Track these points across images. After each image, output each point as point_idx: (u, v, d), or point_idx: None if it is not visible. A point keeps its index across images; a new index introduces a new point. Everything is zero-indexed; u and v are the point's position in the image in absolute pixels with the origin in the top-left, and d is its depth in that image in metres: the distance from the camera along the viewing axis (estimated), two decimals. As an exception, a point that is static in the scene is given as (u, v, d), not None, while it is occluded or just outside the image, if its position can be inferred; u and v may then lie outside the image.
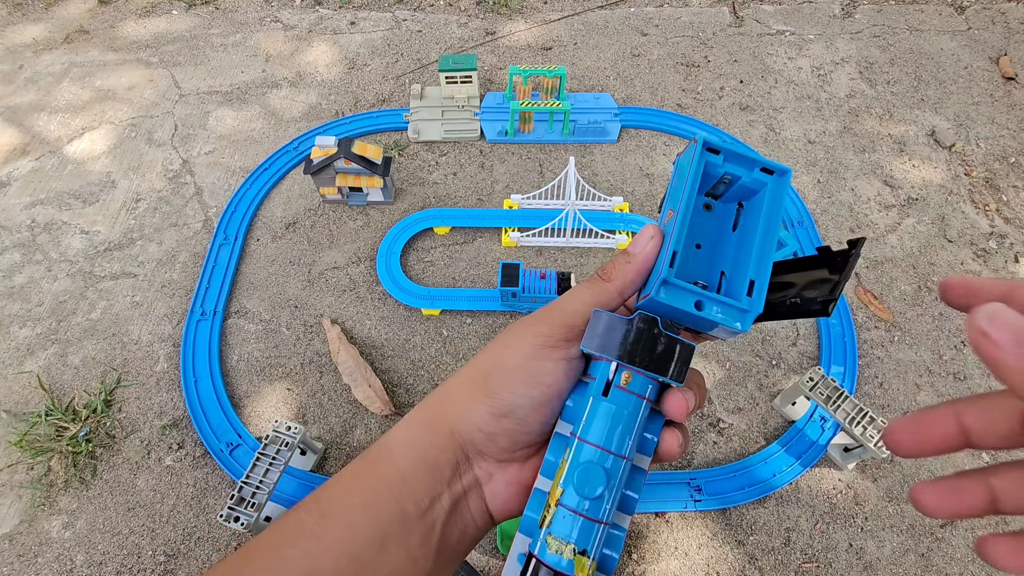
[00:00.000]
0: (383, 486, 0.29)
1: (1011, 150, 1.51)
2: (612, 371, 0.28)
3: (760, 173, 0.29)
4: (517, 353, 0.29)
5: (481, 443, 0.30)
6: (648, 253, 0.29)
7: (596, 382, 0.28)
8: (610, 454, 0.27)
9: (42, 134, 1.55)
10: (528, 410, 0.29)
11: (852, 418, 0.95)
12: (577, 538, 0.26)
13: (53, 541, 0.98)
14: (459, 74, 1.48)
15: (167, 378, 1.14)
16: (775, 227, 0.28)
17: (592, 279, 0.31)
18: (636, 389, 0.28)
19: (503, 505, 0.31)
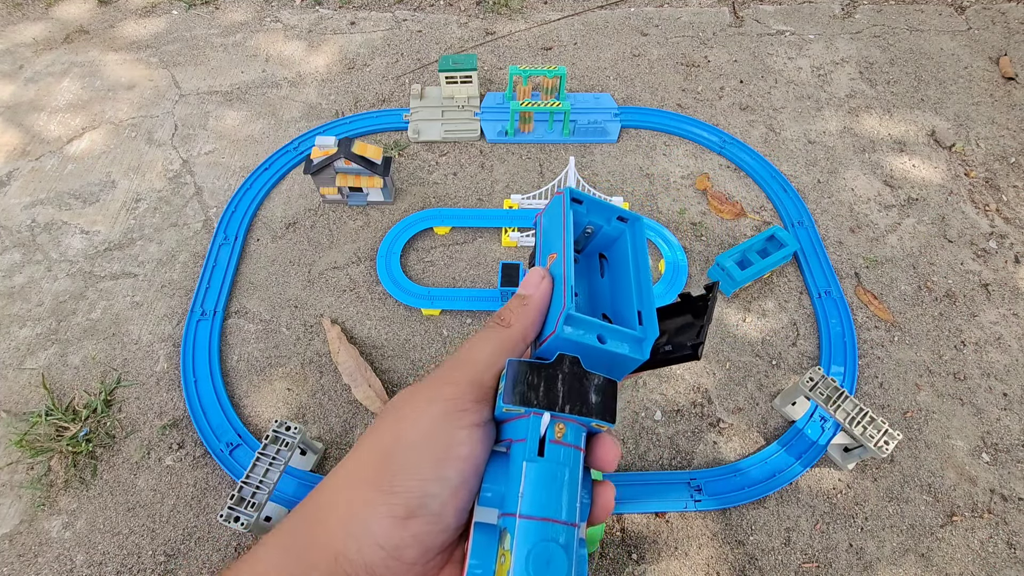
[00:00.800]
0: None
1: (1011, 150, 1.51)
2: (545, 424, 0.24)
3: (616, 221, 0.31)
4: (418, 426, 0.24)
5: (380, 564, 0.23)
6: (543, 293, 0.27)
7: (526, 443, 0.24)
8: (562, 525, 0.23)
9: (42, 134, 1.55)
10: (443, 500, 0.23)
11: (852, 418, 0.95)
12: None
13: (53, 541, 0.98)
14: (459, 74, 1.48)
15: (167, 378, 1.14)
16: (646, 265, 0.29)
17: (490, 327, 0.27)
18: (571, 440, 0.25)
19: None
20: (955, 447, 1.08)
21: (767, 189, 1.41)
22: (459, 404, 0.24)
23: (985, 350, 1.19)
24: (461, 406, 0.24)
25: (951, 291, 1.27)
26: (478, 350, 0.26)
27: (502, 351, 0.26)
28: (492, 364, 0.26)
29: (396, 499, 0.23)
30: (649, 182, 1.43)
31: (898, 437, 0.93)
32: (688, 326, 0.29)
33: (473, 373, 0.25)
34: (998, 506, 1.02)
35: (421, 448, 0.24)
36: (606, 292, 0.31)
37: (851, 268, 1.30)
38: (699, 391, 1.13)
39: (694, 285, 1.26)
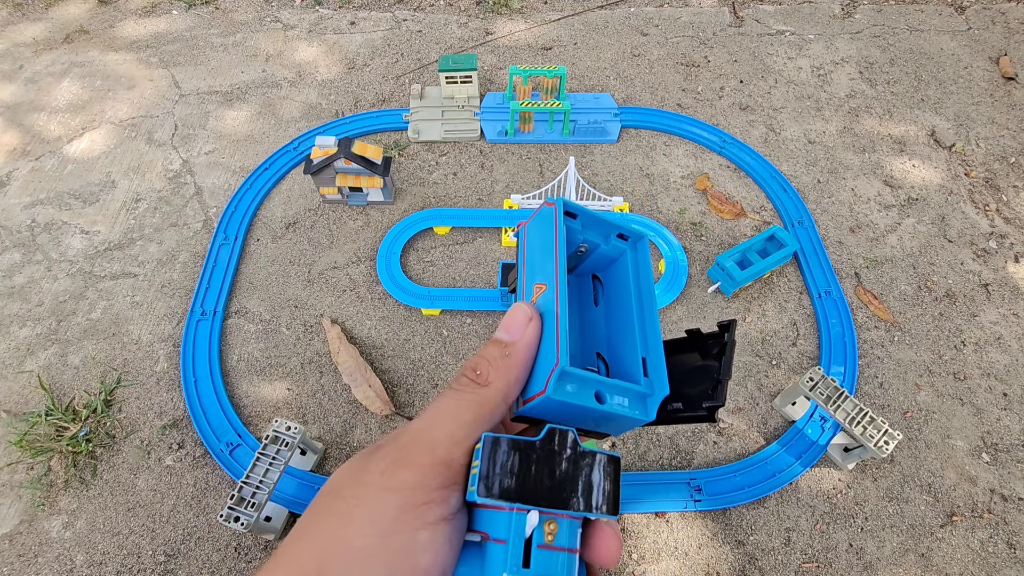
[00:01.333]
0: None
1: (1011, 150, 1.51)
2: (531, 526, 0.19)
3: (616, 239, 0.25)
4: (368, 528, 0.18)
5: None
6: (530, 339, 0.21)
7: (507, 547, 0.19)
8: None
9: (42, 134, 1.55)
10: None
11: (852, 418, 0.95)
12: None
13: (53, 541, 0.98)
14: (459, 74, 1.48)
15: (167, 378, 1.14)
16: (651, 297, 0.24)
17: (461, 384, 0.21)
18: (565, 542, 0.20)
19: None
20: (955, 447, 1.08)
21: (767, 189, 1.41)
22: (421, 495, 0.19)
23: (985, 350, 1.19)
24: (425, 497, 0.19)
25: (951, 291, 1.27)
26: (447, 418, 0.20)
27: (477, 419, 0.20)
28: (465, 437, 0.20)
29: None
30: (649, 182, 1.43)
31: (898, 437, 0.93)
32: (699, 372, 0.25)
33: (440, 451, 0.20)
34: (998, 506, 1.02)
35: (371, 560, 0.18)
36: (601, 324, 0.26)
37: (851, 268, 1.30)
38: (699, 391, 1.13)
39: (694, 285, 1.26)
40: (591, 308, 0.26)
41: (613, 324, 0.25)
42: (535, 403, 0.21)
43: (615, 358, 0.24)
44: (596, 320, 0.26)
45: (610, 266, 0.26)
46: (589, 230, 0.25)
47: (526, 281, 0.25)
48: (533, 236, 0.25)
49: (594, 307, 0.26)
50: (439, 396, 0.21)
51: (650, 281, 0.25)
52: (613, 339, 0.25)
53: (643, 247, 0.25)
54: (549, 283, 0.23)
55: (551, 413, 0.21)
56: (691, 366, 0.25)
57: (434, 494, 0.19)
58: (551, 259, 0.23)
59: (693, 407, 0.24)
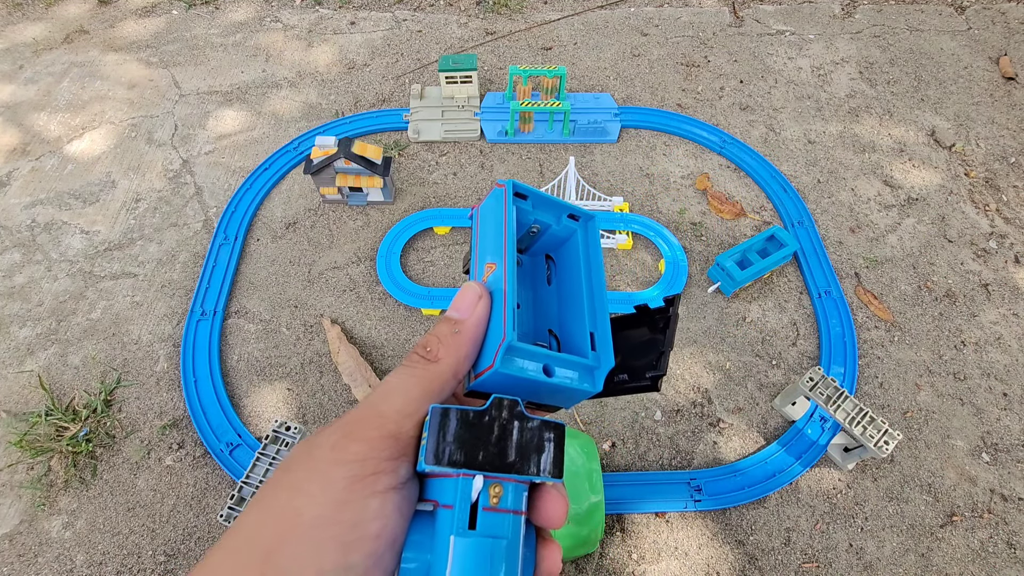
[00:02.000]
0: None
1: (1011, 150, 1.51)
2: (477, 489, 0.20)
3: (568, 220, 0.26)
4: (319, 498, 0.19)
5: None
6: (479, 316, 0.22)
7: (453, 511, 0.20)
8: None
9: (42, 134, 1.55)
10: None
11: (852, 418, 0.95)
12: None
13: (53, 541, 0.98)
14: (459, 74, 1.48)
15: (167, 378, 1.14)
16: (600, 274, 0.25)
17: (412, 360, 0.22)
18: (510, 504, 0.21)
19: None
20: (955, 447, 1.08)
21: (767, 189, 1.41)
22: (371, 465, 0.19)
23: (985, 350, 1.19)
24: (374, 468, 0.19)
25: (951, 291, 1.27)
26: (396, 393, 0.21)
27: (426, 393, 0.21)
28: (414, 411, 0.21)
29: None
30: (649, 182, 1.43)
31: (898, 437, 0.93)
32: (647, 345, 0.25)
33: (389, 424, 0.20)
34: (998, 506, 1.02)
35: (322, 528, 0.18)
36: (553, 303, 0.27)
37: (851, 268, 1.30)
38: (699, 391, 1.13)
39: (694, 285, 1.26)
40: (544, 287, 0.27)
41: (564, 301, 0.26)
42: (485, 377, 0.22)
43: (566, 334, 0.25)
44: (549, 298, 0.27)
45: (562, 246, 0.27)
46: (540, 210, 0.26)
47: (478, 261, 0.25)
48: (485, 217, 0.26)
49: (547, 286, 0.27)
50: (391, 373, 0.22)
51: (599, 259, 0.26)
52: (564, 316, 0.26)
53: (592, 227, 0.26)
54: (498, 262, 0.23)
55: (502, 387, 0.22)
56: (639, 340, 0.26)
57: (383, 464, 0.20)
58: (501, 238, 0.24)
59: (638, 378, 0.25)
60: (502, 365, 0.21)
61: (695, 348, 1.18)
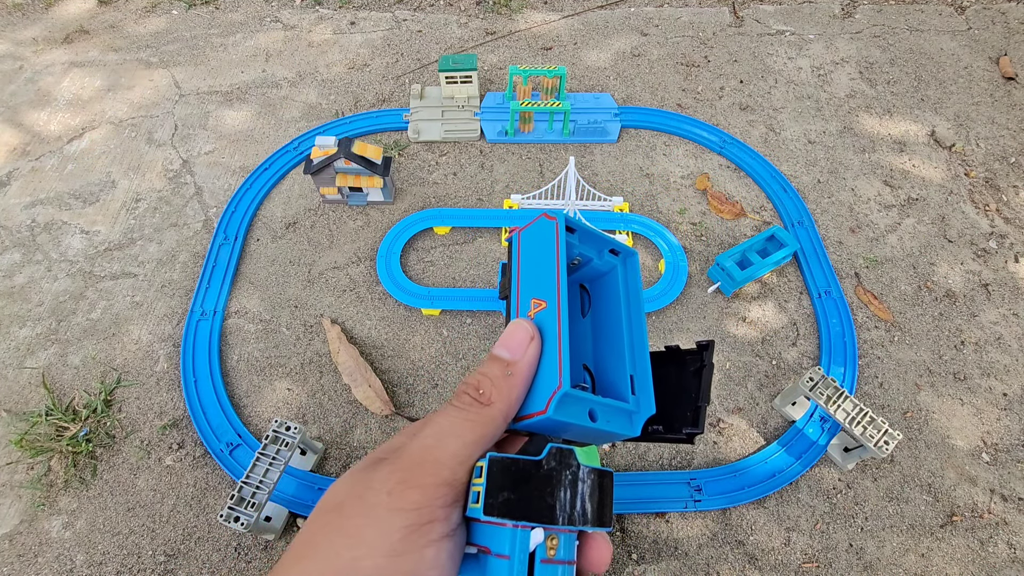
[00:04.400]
0: None
1: (1011, 150, 1.51)
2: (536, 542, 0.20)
3: (608, 255, 0.26)
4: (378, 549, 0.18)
5: None
6: (531, 359, 0.21)
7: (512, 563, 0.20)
8: None
9: (42, 134, 1.55)
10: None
11: (852, 418, 0.95)
12: None
13: (53, 541, 0.98)
14: (459, 74, 1.48)
15: (167, 378, 1.14)
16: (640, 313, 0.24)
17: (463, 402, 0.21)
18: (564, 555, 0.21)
19: None
20: (955, 447, 1.08)
21: (767, 189, 1.41)
22: (427, 514, 0.19)
23: (985, 350, 1.19)
24: (430, 516, 0.19)
25: (951, 291, 1.27)
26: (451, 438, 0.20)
27: (481, 440, 0.21)
28: (468, 457, 0.20)
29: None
30: (649, 182, 1.43)
31: (898, 437, 0.93)
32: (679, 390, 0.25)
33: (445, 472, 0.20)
34: (998, 506, 1.02)
35: None
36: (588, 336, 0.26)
37: (851, 268, 1.30)
38: (699, 391, 1.13)
39: (694, 285, 1.26)
40: (578, 319, 0.27)
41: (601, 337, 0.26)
42: (533, 421, 0.21)
43: (601, 371, 0.25)
44: (583, 331, 0.26)
45: (600, 279, 0.26)
46: (585, 244, 0.25)
47: (522, 294, 0.24)
48: (529, 247, 0.25)
49: (581, 318, 0.26)
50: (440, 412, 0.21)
51: (639, 297, 0.25)
52: (600, 352, 0.25)
53: (633, 263, 0.26)
54: (550, 301, 0.23)
55: (545, 429, 0.22)
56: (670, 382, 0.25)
57: (438, 512, 0.19)
58: (552, 276, 0.23)
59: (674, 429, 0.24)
60: (555, 413, 0.21)
61: (695, 348, 1.18)
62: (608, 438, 0.23)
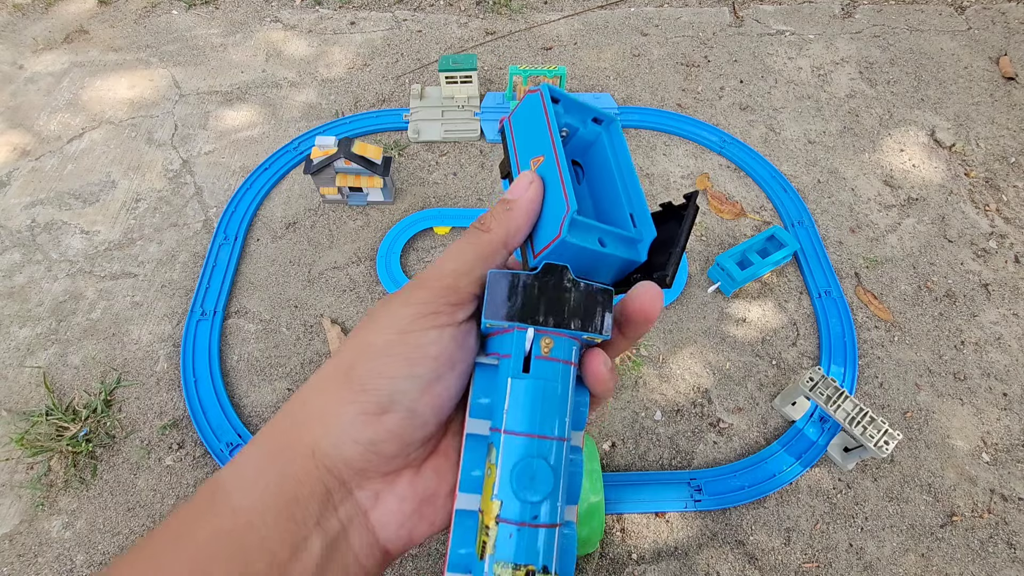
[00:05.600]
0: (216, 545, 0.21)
1: (1011, 150, 1.51)
2: (530, 340, 0.23)
3: (592, 124, 0.28)
4: (388, 328, 0.24)
5: (359, 458, 0.23)
6: (531, 196, 0.25)
7: (511, 359, 0.23)
8: (549, 440, 0.23)
9: (42, 134, 1.55)
10: (415, 395, 0.23)
11: (852, 418, 0.95)
12: (531, 555, 0.22)
13: (53, 541, 0.98)
14: (459, 74, 1.48)
15: (167, 378, 1.14)
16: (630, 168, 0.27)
17: (470, 232, 0.26)
18: (561, 355, 0.24)
19: (398, 530, 0.25)
20: (955, 447, 1.08)
21: (767, 189, 1.41)
22: (431, 307, 0.24)
23: (985, 350, 1.19)
24: (433, 308, 0.24)
25: (951, 291, 1.27)
26: (454, 256, 0.25)
27: (480, 257, 0.25)
28: (469, 271, 0.24)
29: (367, 396, 0.23)
30: (649, 182, 1.43)
31: (898, 437, 0.93)
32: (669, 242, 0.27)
33: (447, 279, 0.24)
34: (998, 506, 1.02)
35: (391, 348, 0.23)
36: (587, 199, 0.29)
37: (851, 268, 1.30)
38: (699, 391, 1.13)
39: (694, 285, 1.26)
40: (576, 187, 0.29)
41: (598, 196, 0.28)
42: (550, 249, 0.24)
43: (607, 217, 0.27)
44: (582, 195, 0.29)
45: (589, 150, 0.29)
46: (570, 114, 0.27)
47: (520, 160, 0.27)
48: (520, 123, 0.27)
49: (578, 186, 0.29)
50: (451, 244, 0.26)
51: (627, 156, 0.27)
52: (600, 207, 0.28)
53: (616, 129, 0.28)
54: (547, 153, 0.25)
55: (561, 258, 0.24)
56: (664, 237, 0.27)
57: (442, 307, 0.24)
58: (545, 134, 0.25)
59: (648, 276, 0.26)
60: (569, 234, 0.23)
61: (695, 348, 1.18)
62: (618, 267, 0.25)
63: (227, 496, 0.23)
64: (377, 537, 0.25)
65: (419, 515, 0.25)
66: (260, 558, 0.21)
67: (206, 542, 0.21)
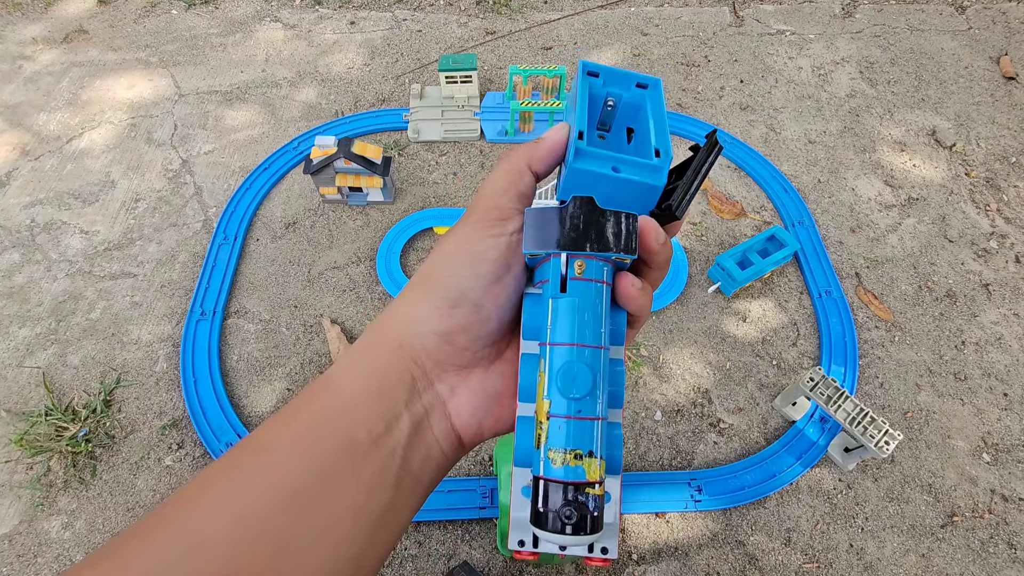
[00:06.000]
0: (326, 415, 0.26)
1: (1011, 150, 1.51)
2: (564, 264, 0.27)
3: (636, 88, 0.31)
4: (453, 241, 0.29)
5: (437, 349, 0.28)
6: (556, 135, 0.29)
7: (550, 283, 0.27)
8: (586, 347, 0.26)
9: (42, 134, 1.55)
10: (480, 292, 0.28)
11: (852, 418, 0.95)
12: (579, 442, 0.25)
13: (52, 541, 0.98)
14: (459, 74, 1.48)
15: (167, 378, 1.14)
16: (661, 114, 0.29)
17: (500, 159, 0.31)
18: (593, 275, 0.27)
19: (470, 418, 0.29)
20: (956, 447, 1.08)
21: (767, 189, 1.41)
22: (482, 223, 0.28)
23: (985, 350, 1.19)
24: (484, 224, 0.28)
25: (951, 291, 1.27)
26: (491, 182, 0.30)
27: (508, 174, 0.29)
28: (505, 189, 0.29)
29: (440, 293, 0.28)
30: (649, 182, 1.43)
31: (899, 437, 0.93)
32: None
33: (490, 200, 0.29)
34: (998, 506, 1.02)
35: (456, 255, 0.28)
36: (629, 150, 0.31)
37: (851, 268, 1.30)
38: (699, 391, 1.13)
39: (694, 285, 1.26)
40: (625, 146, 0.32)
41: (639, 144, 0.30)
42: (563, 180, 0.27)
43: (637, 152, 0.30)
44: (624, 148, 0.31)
45: (637, 114, 0.31)
46: (612, 84, 0.30)
47: None
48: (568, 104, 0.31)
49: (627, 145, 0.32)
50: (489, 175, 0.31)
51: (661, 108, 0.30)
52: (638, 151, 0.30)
53: (657, 89, 0.31)
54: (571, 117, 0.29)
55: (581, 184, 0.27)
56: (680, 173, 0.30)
57: (491, 222, 0.28)
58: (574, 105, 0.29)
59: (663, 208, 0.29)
60: (575, 162, 0.26)
61: (695, 348, 1.18)
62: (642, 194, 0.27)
63: (332, 381, 0.27)
64: (453, 423, 0.29)
65: (487, 410, 0.29)
66: (360, 429, 0.26)
67: (317, 412, 0.26)
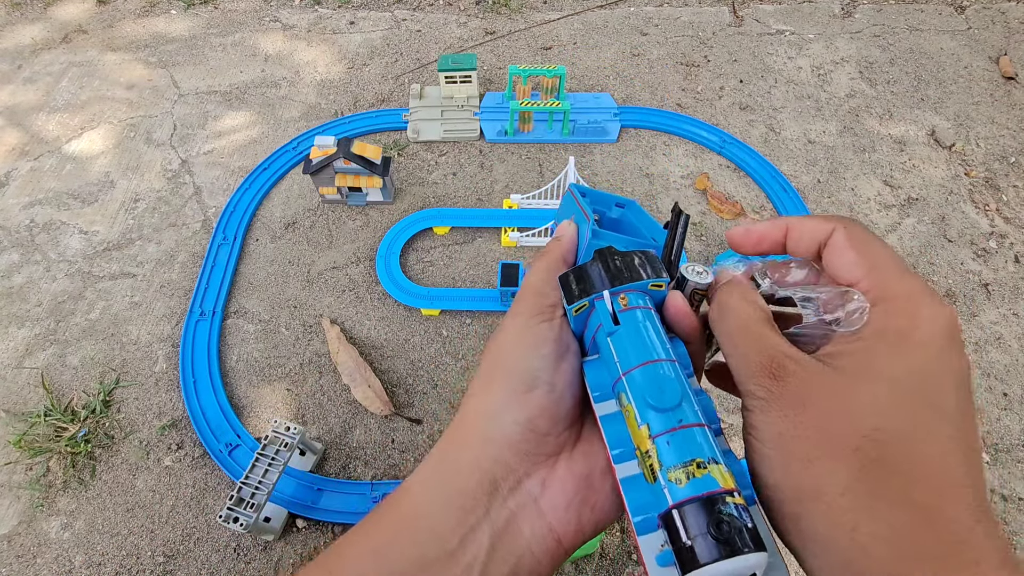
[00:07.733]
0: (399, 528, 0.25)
1: (1011, 150, 1.51)
2: (608, 302, 0.28)
3: (615, 208, 0.35)
4: (509, 333, 0.29)
5: (520, 438, 0.26)
6: (571, 232, 0.32)
7: (602, 327, 0.28)
8: (658, 362, 0.26)
9: (41, 134, 1.55)
10: (550, 372, 0.27)
11: (852, 418, 0.94)
12: (694, 450, 0.24)
13: (52, 542, 0.98)
14: (459, 74, 1.48)
15: (166, 378, 1.14)
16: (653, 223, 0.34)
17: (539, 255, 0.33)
18: (638, 303, 0.28)
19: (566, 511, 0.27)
20: (955, 447, 1.08)
21: (767, 189, 1.41)
22: (533, 310, 0.29)
23: (985, 350, 1.19)
24: (536, 312, 0.29)
25: (951, 291, 1.27)
26: (534, 275, 0.31)
27: (548, 268, 0.31)
28: (547, 279, 0.30)
29: (513, 379, 0.27)
30: (649, 182, 1.43)
31: (898, 437, 0.93)
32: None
33: (535, 289, 0.30)
34: (998, 506, 1.02)
35: (518, 342, 0.28)
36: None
37: (851, 268, 1.30)
38: (699, 391, 1.13)
39: (694, 285, 1.26)
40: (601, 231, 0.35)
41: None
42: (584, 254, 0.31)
43: None
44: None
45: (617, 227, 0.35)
46: (597, 203, 0.34)
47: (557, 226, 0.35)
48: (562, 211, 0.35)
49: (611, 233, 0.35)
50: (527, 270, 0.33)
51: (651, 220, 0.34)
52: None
53: (636, 208, 0.35)
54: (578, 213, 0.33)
55: None
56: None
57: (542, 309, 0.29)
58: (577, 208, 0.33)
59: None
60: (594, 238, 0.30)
61: (695, 348, 1.18)
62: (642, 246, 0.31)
63: (407, 491, 0.27)
64: (548, 521, 0.26)
65: (583, 497, 0.27)
66: (432, 544, 0.24)
67: (387, 527, 0.26)
